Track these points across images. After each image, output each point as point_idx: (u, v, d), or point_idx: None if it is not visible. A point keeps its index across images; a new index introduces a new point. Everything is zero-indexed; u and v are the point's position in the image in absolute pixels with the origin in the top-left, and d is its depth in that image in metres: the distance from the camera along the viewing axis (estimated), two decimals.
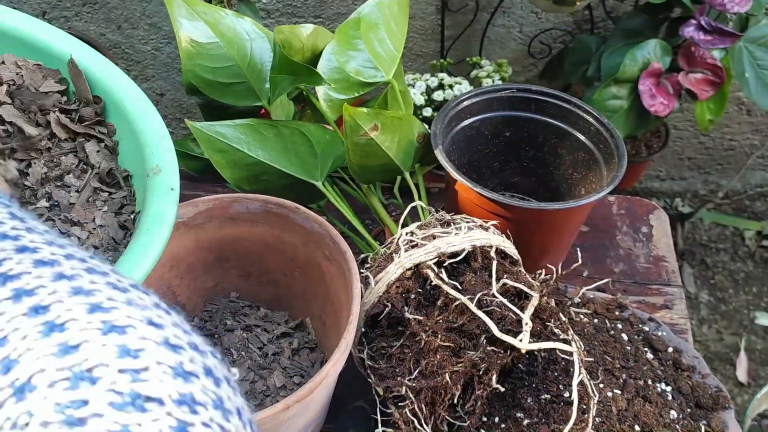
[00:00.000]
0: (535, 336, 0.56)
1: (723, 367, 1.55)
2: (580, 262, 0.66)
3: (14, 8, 1.46)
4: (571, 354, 0.54)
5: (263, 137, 0.72)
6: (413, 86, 1.30)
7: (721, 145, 1.73)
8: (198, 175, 0.89)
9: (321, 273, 0.64)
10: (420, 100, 1.26)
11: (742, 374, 1.52)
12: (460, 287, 0.56)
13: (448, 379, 0.54)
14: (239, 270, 0.68)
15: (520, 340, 0.52)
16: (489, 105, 0.76)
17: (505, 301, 0.54)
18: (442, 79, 1.29)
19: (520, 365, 0.62)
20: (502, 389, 0.55)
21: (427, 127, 0.76)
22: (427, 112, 1.25)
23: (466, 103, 0.75)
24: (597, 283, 0.67)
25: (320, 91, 0.82)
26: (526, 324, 0.53)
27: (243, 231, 0.66)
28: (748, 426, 0.97)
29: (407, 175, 0.72)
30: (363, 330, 0.60)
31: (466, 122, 0.77)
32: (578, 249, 0.74)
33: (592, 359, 0.62)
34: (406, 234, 0.59)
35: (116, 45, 1.58)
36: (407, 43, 1.52)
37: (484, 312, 0.54)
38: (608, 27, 1.47)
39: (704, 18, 1.19)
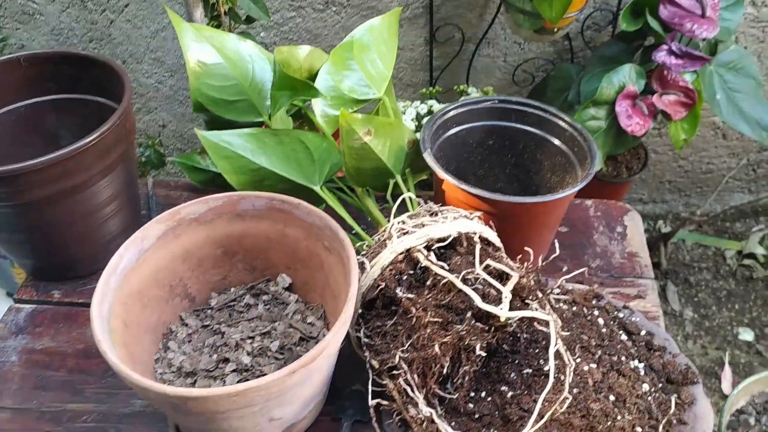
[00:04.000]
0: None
1: (709, 380, 1.59)
2: (557, 253, 0.72)
3: (23, 45, 1.52)
4: (549, 327, 0.60)
5: (265, 145, 0.78)
6: (404, 113, 1.38)
7: (699, 168, 1.81)
8: (203, 186, 0.95)
9: (321, 263, 0.69)
10: (411, 125, 1.34)
11: (727, 387, 1.57)
12: (447, 268, 0.62)
13: (437, 349, 0.60)
14: (245, 264, 0.74)
15: (501, 309, 0.57)
16: (473, 115, 0.83)
17: (487, 276, 0.60)
18: (431, 106, 1.37)
19: (504, 346, 0.68)
20: (484, 354, 0.60)
21: (417, 135, 0.83)
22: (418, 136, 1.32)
23: (451, 113, 0.82)
24: (574, 273, 0.73)
25: (317, 108, 0.89)
26: (506, 297, 0.58)
27: (249, 227, 0.72)
28: (727, 421, 1.01)
29: (399, 178, 0.79)
30: (360, 311, 0.65)
31: (452, 131, 0.83)
32: (558, 246, 0.80)
33: (569, 335, 0.67)
34: (398, 223, 0.65)
35: None
36: (399, 73, 1.61)
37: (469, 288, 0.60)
38: (587, 56, 1.56)
39: (675, 43, 1.28)
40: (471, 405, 0.64)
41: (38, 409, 0.73)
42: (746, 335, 1.69)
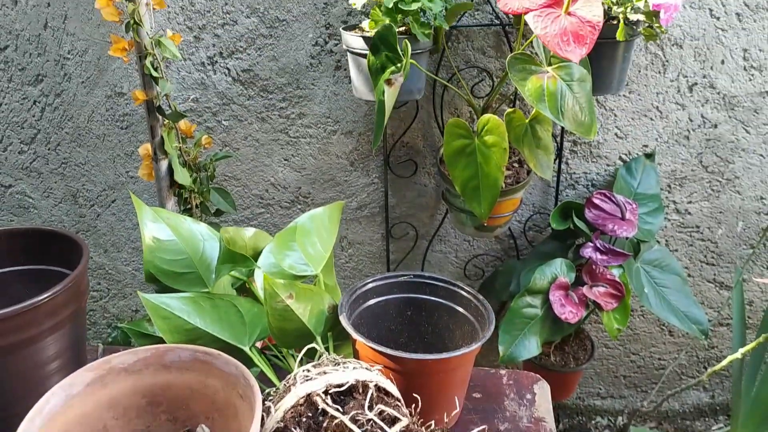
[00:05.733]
0: None
1: None
2: (458, 409, 0.78)
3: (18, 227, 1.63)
4: None
5: (201, 307, 0.88)
6: None
7: (651, 363, 1.87)
8: None
9: (235, 412, 0.75)
10: None
11: None
12: (341, 411, 0.68)
13: None
14: (168, 415, 0.79)
15: None
16: (391, 288, 0.94)
17: (376, 418, 0.66)
18: None
19: None
20: None
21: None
22: None
23: (370, 285, 0.93)
24: (477, 429, 0.79)
25: (258, 281, 1.00)
26: None
27: (174, 377, 0.78)
28: None
29: (319, 340, 0.87)
30: None
31: (372, 302, 0.93)
32: (471, 410, 0.86)
33: None
34: (303, 371, 0.73)
35: (101, 266, 1.78)
36: (358, 264, 1.74)
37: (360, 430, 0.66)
38: (530, 253, 1.70)
39: (599, 241, 1.42)
40: None
41: None
42: None
